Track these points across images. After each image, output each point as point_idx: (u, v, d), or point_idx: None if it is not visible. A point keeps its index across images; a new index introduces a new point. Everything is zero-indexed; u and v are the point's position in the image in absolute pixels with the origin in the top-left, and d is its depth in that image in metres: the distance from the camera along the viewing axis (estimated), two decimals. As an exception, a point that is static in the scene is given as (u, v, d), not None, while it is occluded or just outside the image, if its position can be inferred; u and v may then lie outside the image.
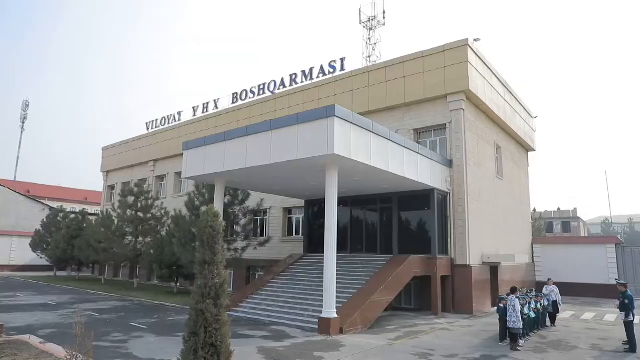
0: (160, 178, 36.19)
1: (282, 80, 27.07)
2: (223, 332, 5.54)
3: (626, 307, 12.19)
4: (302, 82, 26.08)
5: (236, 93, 29.82)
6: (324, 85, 24.93)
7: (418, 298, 19.58)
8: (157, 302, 20.99)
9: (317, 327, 13.71)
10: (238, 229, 23.65)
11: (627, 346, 12.15)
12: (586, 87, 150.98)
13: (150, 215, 28.58)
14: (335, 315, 13.64)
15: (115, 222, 29.05)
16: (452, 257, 19.31)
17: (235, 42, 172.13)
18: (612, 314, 18.95)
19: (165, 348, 11.19)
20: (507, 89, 25.25)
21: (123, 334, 13.10)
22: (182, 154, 18.44)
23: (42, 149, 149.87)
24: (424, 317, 17.30)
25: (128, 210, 28.09)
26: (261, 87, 28.23)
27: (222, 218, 5.94)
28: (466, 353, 11.46)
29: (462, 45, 20.18)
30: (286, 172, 16.15)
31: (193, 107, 32.81)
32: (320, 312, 13.92)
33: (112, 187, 41.73)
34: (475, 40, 21.27)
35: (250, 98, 28.99)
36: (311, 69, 25.71)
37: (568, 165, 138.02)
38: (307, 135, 13.76)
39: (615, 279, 21.63)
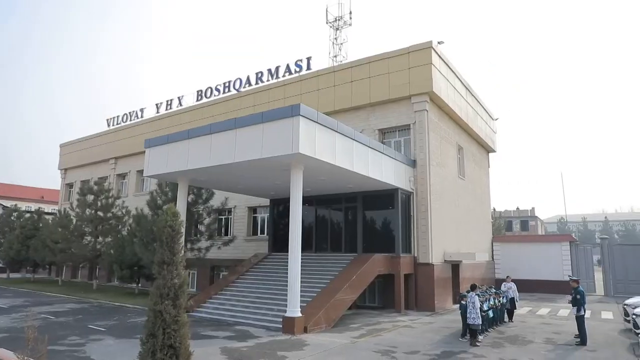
0: (122, 176, 35.21)
1: (248, 78, 26.86)
2: (182, 333, 5.45)
3: (578, 302, 12.76)
4: (268, 80, 25.95)
5: (201, 90, 29.36)
6: (290, 84, 24.89)
7: (382, 296, 19.84)
8: (117, 304, 20.42)
9: (281, 326, 13.69)
10: (202, 228, 23.32)
11: (579, 339, 12.70)
12: (544, 91, 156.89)
13: (111, 214, 27.76)
14: (300, 315, 13.66)
15: (74, 221, 28.05)
16: (415, 255, 19.66)
17: (201, 40, 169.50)
18: (565, 309, 19.74)
19: (125, 351, 10.90)
20: (469, 91, 25.90)
21: (80, 337, 12.67)
22: (144, 152, 18.01)
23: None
24: (388, 315, 17.55)
25: (87, 209, 27.18)
26: (226, 84, 27.90)
27: (184, 217, 5.84)
28: (427, 349, 11.69)
29: (426, 48, 20.56)
30: (251, 171, 16.04)
31: (156, 104, 32.09)
32: (285, 311, 13.90)
33: (70, 186, 40.28)
34: (439, 43, 21.70)
35: (215, 96, 28.61)
36: (277, 68, 25.62)
37: (527, 166, 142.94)
38: (272, 134, 13.71)
39: (569, 276, 22.58)
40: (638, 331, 12.65)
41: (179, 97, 30.72)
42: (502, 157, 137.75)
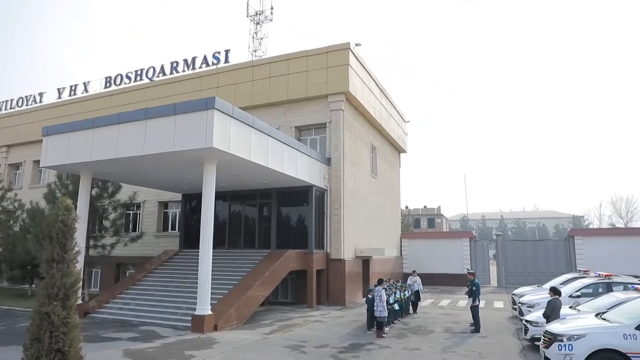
0: (15, 166, 32.01)
1: (162, 67, 25.65)
2: (72, 336, 5.08)
3: (473, 294, 13.90)
4: (183, 71, 24.99)
5: (109, 77, 27.51)
6: (206, 76, 24.19)
7: (294, 292, 20.03)
8: (5, 307, 18.58)
9: (190, 325, 13.31)
10: (107, 223, 21.91)
11: (473, 327, 13.82)
12: (451, 96, 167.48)
13: (1, 208, 25.16)
14: (210, 312, 13.38)
15: (-46, 215, 25.02)
16: (328, 251, 20.09)
17: (115, 26, 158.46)
18: (464, 300, 21.22)
19: (12, 359, 9.95)
20: (384, 93, 26.93)
21: (-43, 344, 11.37)
22: (42, 140, 16.51)
23: None
24: (300, 310, 17.76)
25: (-29, 202, 24.40)
26: (138, 73, 26.41)
27: (86, 212, 5.44)
28: (336, 343, 12.01)
29: (344, 49, 21.05)
30: (162, 165, 15.40)
31: (58, 89, 29.47)
32: (195, 309, 13.53)
33: (-49, 175, 35.83)
34: (356, 45, 22.30)
35: (125, 84, 26.96)
36: (194, 59, 24.78)
37: (434, 167, 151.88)
38: (185, 127, 13.26)
39: (466, 269, 24.36)
40: (523, 318, 14.00)
41: (84, 83, 28.54)
42: (412, 158, 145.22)
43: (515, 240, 38.94)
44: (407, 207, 68.53)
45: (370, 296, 13.58)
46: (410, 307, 17.56)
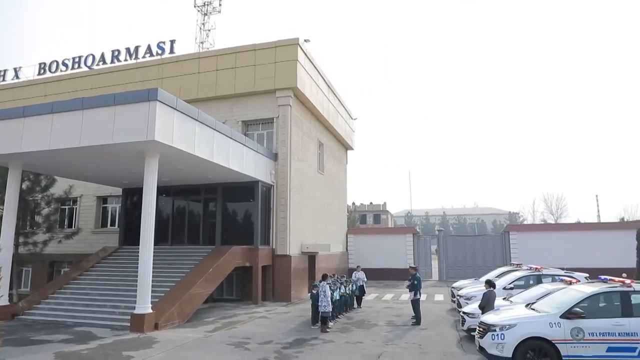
0: None
1: (103, 55, 24.41)
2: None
3: (414, 287, 14.35)
4: (125, 60, 23.91)
5: (44, 64, 25.82)
6: (150, 66, 23.30)
7: (240, 288, 19.82)
8: None
9: (129, 325, 12.83)
10: (40, 219, 20.65)
11: (414, 320, 14.27)
12: (395, 95, 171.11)
13: None
14: (150, 311, 12.96)
15: None
16: (274, 247, 20.01)
17: (49, 11, 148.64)
18: (407, 294, 21.83)
19: None
20: (332, 90, 27.11)
21: None
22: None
23: None
24: (244, 307, 17.60)
25: None
26: (76, 60, 25.00)
27: (15, 207, 5.06)
28: (280, 339, 12.01)
29: (293, 44, 20.97)
30: (100, 158, 14.71)
31: (-17, 74, 27.42)
32: (134, 308, 13.06)
33: None
34: (305, 40, 22.28)
35: (62, 71, 25.44)
36: (137, 48, 23.77)
37: (380, 164, 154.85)
38: (125, 118, 12.72)
39: (409, 264, 25.11)
40: (461, 310, 14.59)
41: (15, 69, 26.63)
42: (358, 155, 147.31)
43: (456, 236, 40.57)
44: (353, 203, 69.58)
45: (314, 292, 13.67)
46: (355, 302, 17.86)
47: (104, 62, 24.38)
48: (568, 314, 8.51)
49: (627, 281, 8.93)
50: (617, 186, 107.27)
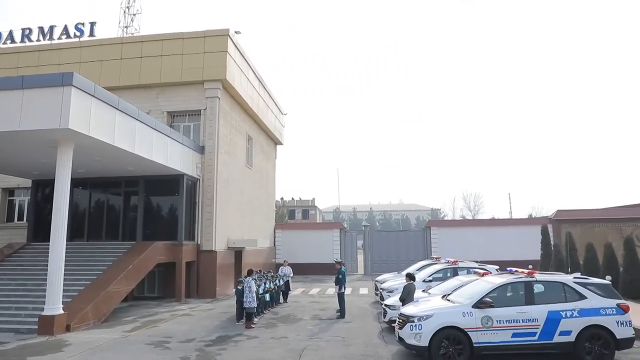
0: None
1: (11, 33, 22.29)
2: None
3: (339, 281, 14.65)
4: (38, 40, 22.06)
5: (-61, 39, 23.18)
6: (67, 49, 21.67)
7: (162, 285, 19.13)
8: None
9: (37, 327, 11.89)
10: None
11: (339, 313, 14.55)
12: (327, 92, 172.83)
13: None
14: (61, 312, 12.11)
15: None
16: (199, 242, 19.49)
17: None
18: (332, 288, 22.26)
19: None
20: (262, 85, 26.82)
21: None
22: None
23: None
24: (167, 305, 17.00)
25: None
26: (-22, 37, 22.68)
27: None
28: (203, 336, 11.73)
29: (223, 35, 20.47)
30: (5, 146, 13.47)
31: None
32: (43, 309, 12.12)
33: None
34: (236, 32, 21.86)
35: (-40, 48, 22.98)
36: (52, 27, 22.03)
37: (310, 160, 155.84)
38: (35, 104, 11.72)
39: (335, 258, 25.56)
40: (383, 302, 15.09)
41: None
42: (288, 150, 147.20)
43: (381, 231, 41.90)
44: (282, 198, 69.58)
45: (239, 287, 13.51)
46: (281, 297, 17.87)
47: (12, 41, 22.30)
48: (479, 304, 9.08)
49: (531, 272, 9.70)
50: (528, 185, 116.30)
